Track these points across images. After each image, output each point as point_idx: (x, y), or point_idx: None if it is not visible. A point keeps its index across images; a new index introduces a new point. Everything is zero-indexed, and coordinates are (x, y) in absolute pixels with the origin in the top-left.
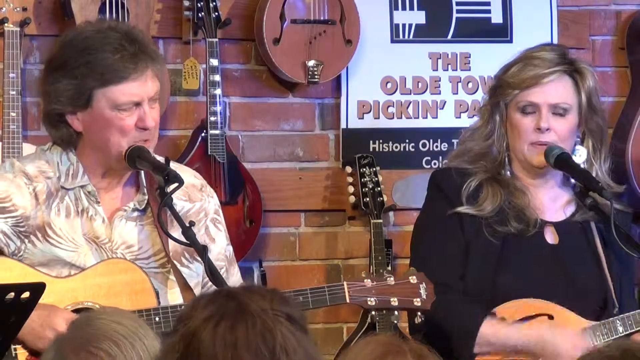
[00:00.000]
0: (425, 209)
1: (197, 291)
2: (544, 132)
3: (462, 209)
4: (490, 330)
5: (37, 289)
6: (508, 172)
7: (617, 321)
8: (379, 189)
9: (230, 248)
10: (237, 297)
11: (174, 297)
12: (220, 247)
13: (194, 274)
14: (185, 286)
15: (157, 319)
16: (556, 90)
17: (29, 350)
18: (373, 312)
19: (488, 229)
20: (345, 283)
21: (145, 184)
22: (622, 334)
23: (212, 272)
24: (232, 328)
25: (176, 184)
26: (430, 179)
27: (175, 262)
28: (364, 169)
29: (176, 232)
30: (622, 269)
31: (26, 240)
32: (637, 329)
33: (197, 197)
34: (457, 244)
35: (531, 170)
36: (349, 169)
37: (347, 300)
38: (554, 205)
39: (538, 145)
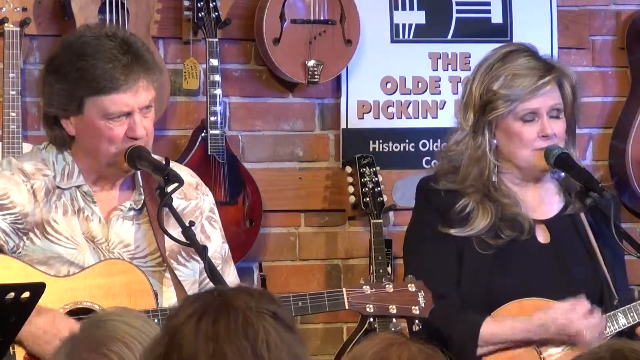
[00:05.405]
0: (415, 219)
1: (195, 289)
2: (550, 138)
3: (452, 232)
4: (487, 331)
5: (37, 289)
6: (495, 183)
7: (619, 313)
8: (379, 189)
9: (226, 246)
10: (223, 295)
11: (171, 295)
12: (215, 246)
13: (191, 272)
14: (179, 286)
15: (155, 320)
16: (551, 94)
17: (28, 352)
18: (371, 319)
19: (481, 244)
20: (344, 289)
21: (141, 184)
22: (625, 327)
23: (212, 271)
24: (214, 322)
25: (176, 184)
26: (418, 189)
27: (171, 260)
28: (364, 169)
29: (174, 230)
30: (615, 260)
31: (25, 238)
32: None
33: (192, 195)
34: (450, 253)
35: (528, 176)
36: (349, 169)
37: (346, 307)
38: (543, 202)
39: (539, 150)
